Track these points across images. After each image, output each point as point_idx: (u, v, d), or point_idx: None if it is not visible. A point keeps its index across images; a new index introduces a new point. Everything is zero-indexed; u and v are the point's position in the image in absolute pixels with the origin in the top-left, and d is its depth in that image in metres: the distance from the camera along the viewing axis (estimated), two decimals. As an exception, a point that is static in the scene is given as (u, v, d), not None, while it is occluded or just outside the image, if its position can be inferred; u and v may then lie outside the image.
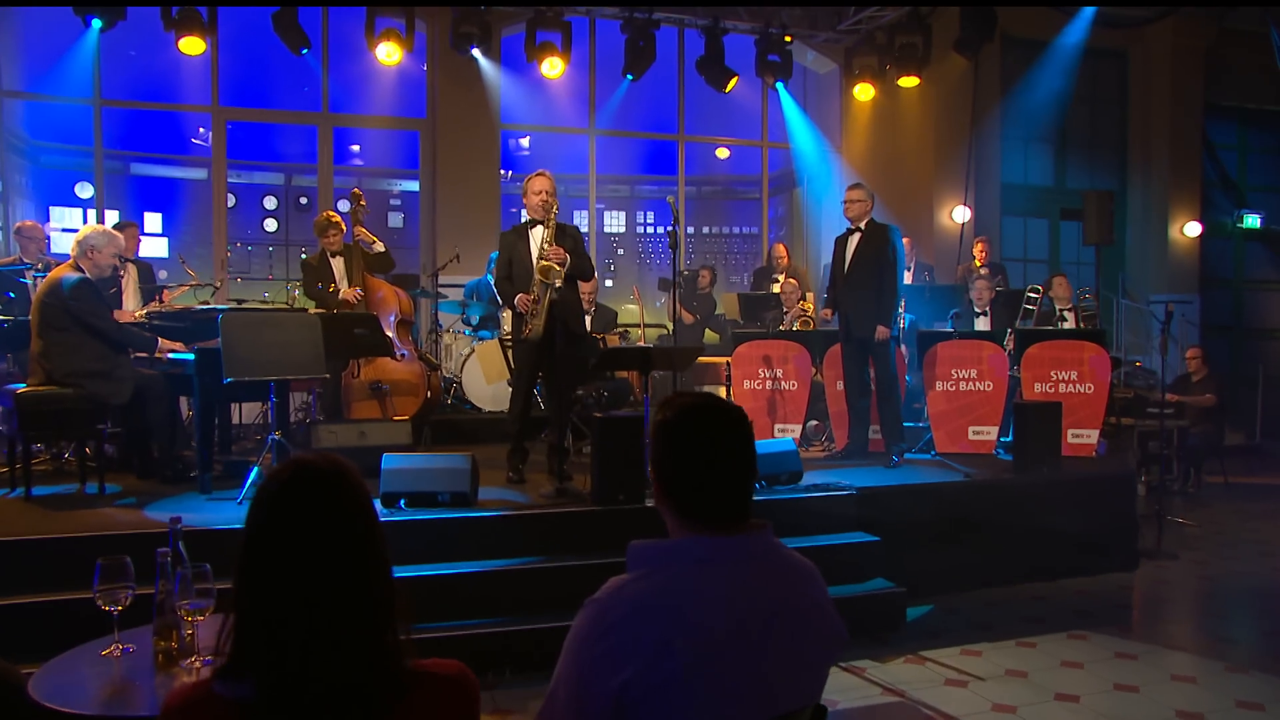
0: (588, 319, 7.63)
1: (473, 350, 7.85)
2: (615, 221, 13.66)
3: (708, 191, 13.68)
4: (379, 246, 6.92)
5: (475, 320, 8.36)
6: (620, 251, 13.74)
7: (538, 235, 5.42)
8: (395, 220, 12.69)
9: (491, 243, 9.55)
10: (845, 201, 6.53)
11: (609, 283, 13.36)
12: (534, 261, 5.35)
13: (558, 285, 5.15)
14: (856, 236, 6.50)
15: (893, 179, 10.85)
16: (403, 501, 4.68)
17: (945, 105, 10.80)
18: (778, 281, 9.47)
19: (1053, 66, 10.90)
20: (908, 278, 8.61)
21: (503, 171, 10.58)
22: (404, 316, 6.94)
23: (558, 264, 5.27)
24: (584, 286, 7.25)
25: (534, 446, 6.08)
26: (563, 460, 5.29)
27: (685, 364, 5.60)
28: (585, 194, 11.10)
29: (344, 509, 1.40)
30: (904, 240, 7.01)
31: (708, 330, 9.59)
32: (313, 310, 6.04)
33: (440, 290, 8.37)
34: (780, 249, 9.75)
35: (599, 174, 11.04)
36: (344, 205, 10.96)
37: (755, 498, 4.84)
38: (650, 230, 13.75)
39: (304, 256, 7.12)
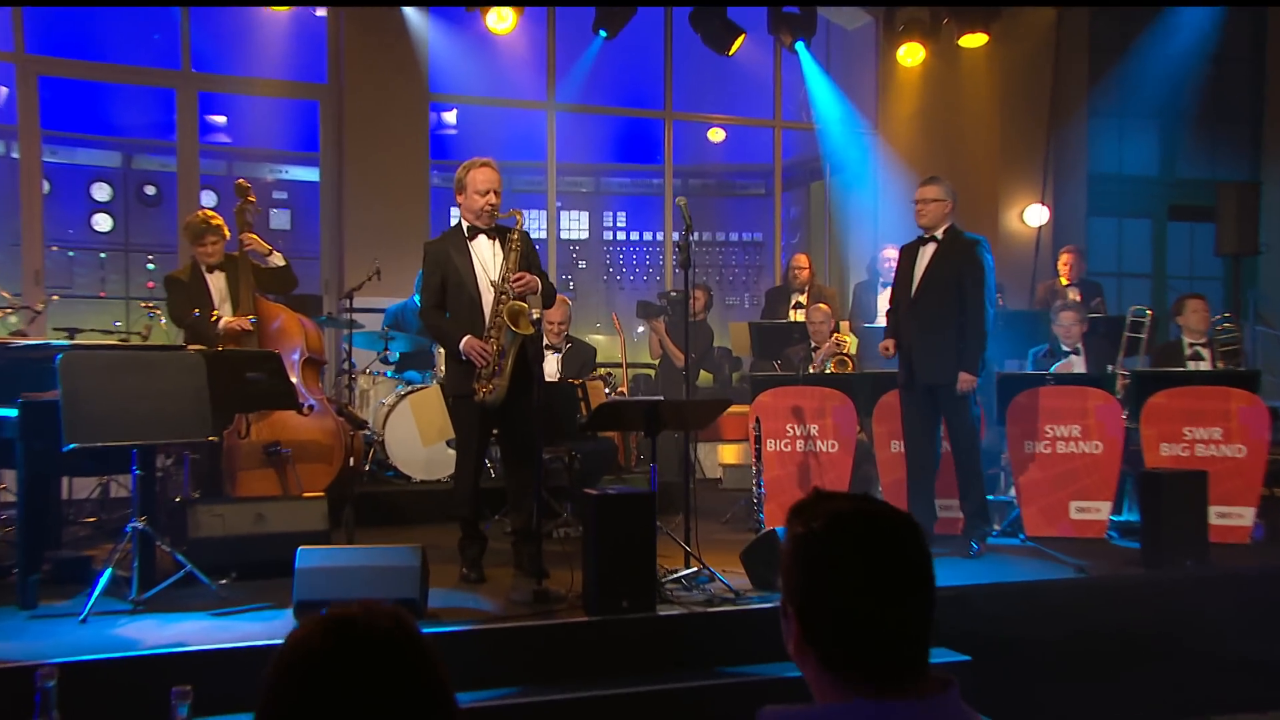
0: (556, 358, 7.60)
1: (399, 399, 7.83)
2: (576, 224, 13.68)
3: (697, 186, 13.81)
4: (277, 259, 6.89)
5: (397, 357, 8.33)
6: (582, 264, 13.73)
7: (484, 250, 5.47)
8: (280, 219, 12.55)
9: (417, 253, 9.35)
10: (917, 202, 6.57)
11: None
12: (479, 285, 5.42)
13: (535, 317, 5.13)
14: (930, 249, 6.53)
15: (947, 168, 10.77)
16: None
17: (1019, 71, 11.00)
18: (799, 307, 9.57)
19: (1163, 18, 11.06)
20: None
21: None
22: (312, 354, 6.92)
23: (529, 296, 5.30)
24: (553, 314, 7.30)
25: (494, 531, 6.00)
26: (536, 551, 5.24)
27: (706, 421, 5.59)
28: (539, 188, 11.17)
29: (416, 698, 1.31)
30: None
31: (701, 371, 9.67)
32: (193, 348, 5.88)
33: (352, 318, 8.21)
34: (801, 262, 9.87)
35: (558, 162, 11.10)
36: (209, 199, 11.06)
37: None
38: (622, 236, 13.81)
39: (171, 273, 7.09)
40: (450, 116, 12.57)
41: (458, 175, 5.53)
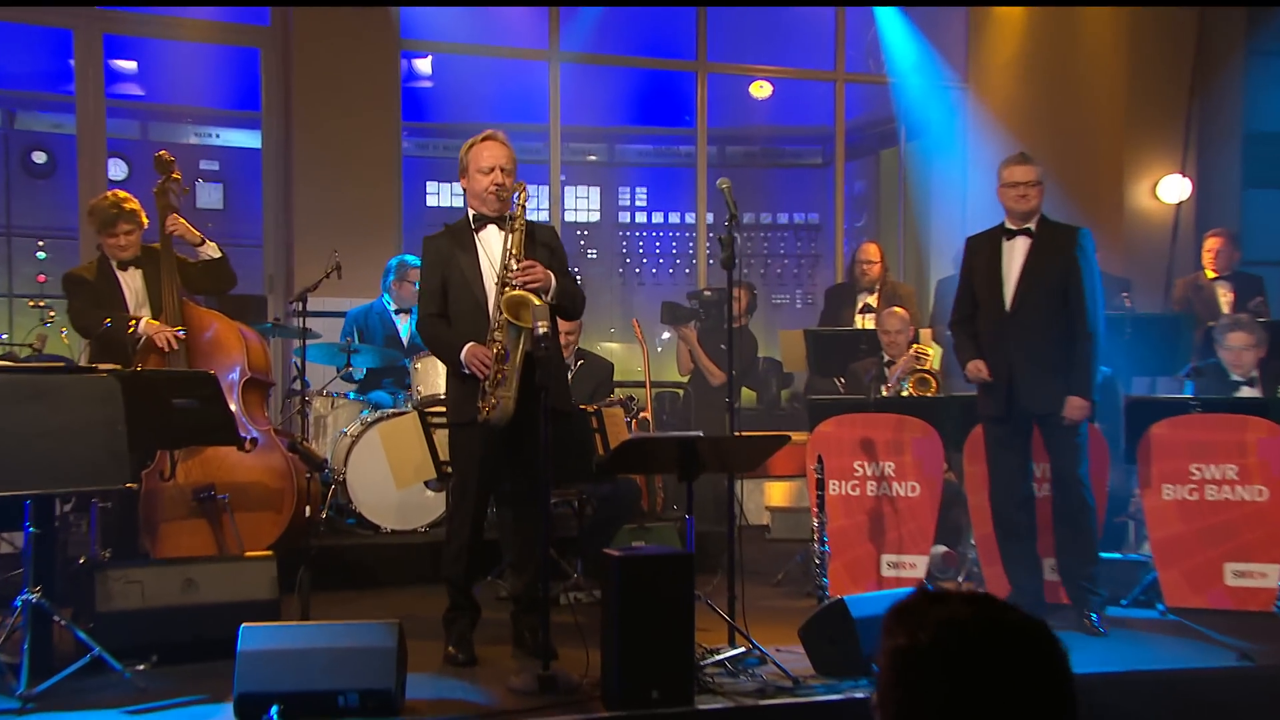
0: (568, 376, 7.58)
1: (365, 428, 7.80)
2: (584, 203, 13.67)
3: (738, 155, 13.76)
4: (210, 250, 6.89)
5: (362, 374, 8.32)
6: (592, 254, 13.73)
7: (492, 242, 5.57)
8: (209, 197, 12.47)
9: (387, 242, 9.73)
10: (1004, 186, 6.55)
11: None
12: (485, 285, 5.53)
13: (541, 330, 5.07)
14: (1023, 245, 6.52)
15: (1058, 131, 10.95)
16: (275, 711, 4.56)
17: (1152, 11, 10.89)
18: (868, 310, 9.56)
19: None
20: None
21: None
22: (255, 372, 6.89)
23: (538, 292, 5.33)
24: (562, 325, 7.27)
25: (484, 596, 5.98)
26: (543, 624, 5.17)
27: (756, 460, 5.57)
28: (539, 157, 11.18)
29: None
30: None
31: (743, 388, 9.67)
32: (103, 368, 5.77)
33: (305, 325, 8.26)
34: (870, 252, 9.89)
35: (562, 126, 11.10)
36: (118, 170, 11.02)
37: (856, 694, 4.94)
38: (643, 218, 13.77)
39: (72, 270, 7.07)
40: (425, 65, 12.57)
41: (460, 156, 5.68)
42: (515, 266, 5.40)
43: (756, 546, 8.37)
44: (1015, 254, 6.49)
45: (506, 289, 5.39)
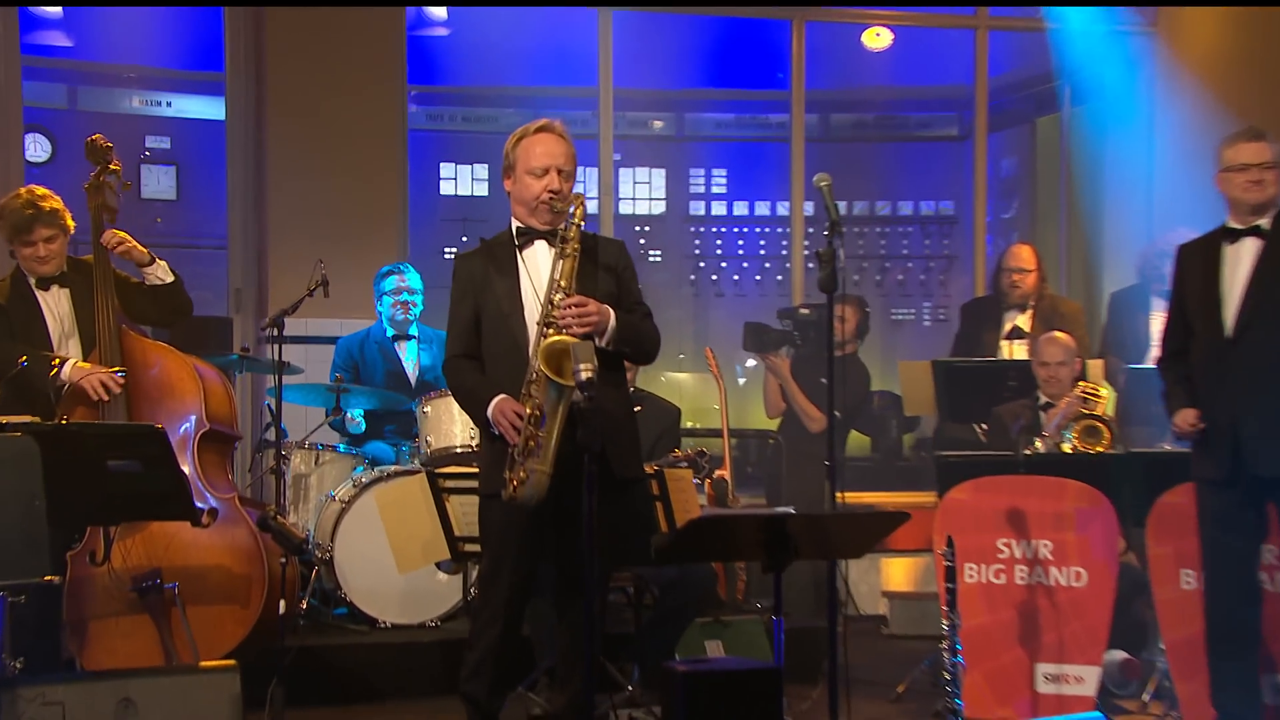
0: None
1: (359, 490, 7.81)
2: (644, 190, 13.53)
3: (845, 125, 13.70)
4: (161, 273, 6.92)
5: (360, 424, 8.35)
6: (655, 257, 13.62)
7: (540, 262, 5.63)
8: (158, 184, 12.36)
9: (388, 245, 9.88)
10: (1227, 170, 6.43)
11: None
12: (526, 318, 5.59)
13: (584, 375, 4.99)
14: (1253, 247, 6.36)
15: (1273, 93, 10.71)
16: None
17: None
18: (1019, 335, 9.47)
19: None
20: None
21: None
22: (215, 423, 6.83)
23: (585, 330, 5.33)
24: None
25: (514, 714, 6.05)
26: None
27: (867, 544, 5.55)
28: (585, 131, 11.17)
29: None
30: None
31: (852, 430, 9.67)
32: (13, 421, 5.79)
33: (281, 358, 8.20)
34: (1023, 257, 9.72)
35: (616, 89, 11.10)
36: (38, 150, 11.08)
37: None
38: (721, 210, 13.66)
39: None
40: (439, 10, 12.42)
41: (505, 150, 5.73)
42: (560, 300, 5.40)
43: (870, 646, 8.45)
44: (1241, 261, 6.37)
45: (549, 332, 5.39)
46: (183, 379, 6.81)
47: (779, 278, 12.48)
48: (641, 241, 13.51)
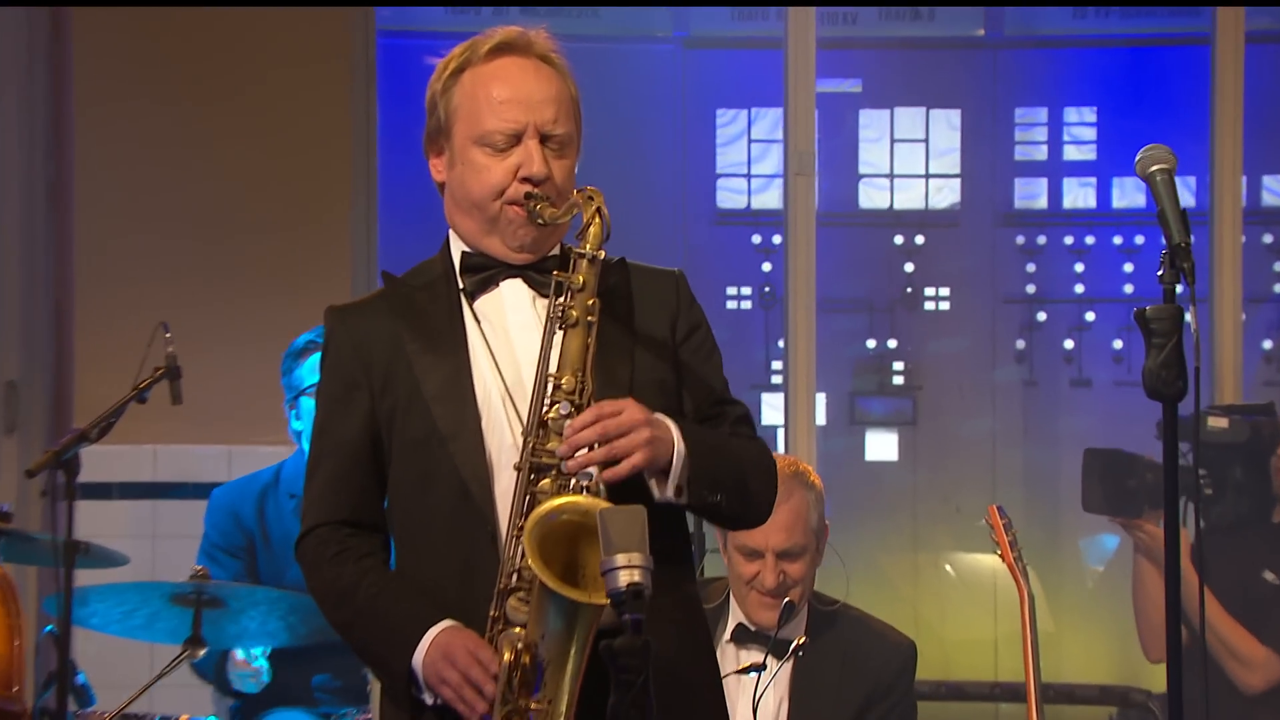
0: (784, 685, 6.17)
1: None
2: (909, 157, 9.78)
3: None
4: None
5: (260, 673, 6.73)
6: (940, 298, 9.83)
7: (513, 322, 4.10)
8: None
9: (329, 284, 8.38)
10: None
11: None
12: (493, 452, 3.99)
13: (626, 584, 3.47)
14: None
15: None
16: None
17: None
18: None
19: None
20: None
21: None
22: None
23: (619, 476, 3.79)
24: (772, 535, 5.81)
25: None
26: None
27: None
28: (765, 36, 9.18)
29: None
30: None
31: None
32: None
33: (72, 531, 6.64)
34: None
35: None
36: None
37: None
38: (1085, 198, 9.74)
39: None
40: None
41: (430, 93, 4.09)
42: (560, 414, 3.70)
43: None
44: None
45: (542, 483, 3.66)
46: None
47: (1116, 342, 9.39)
48: (909, 268, 9.48)
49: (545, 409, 3.67)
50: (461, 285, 3.96)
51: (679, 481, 3.71)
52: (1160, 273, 3.70)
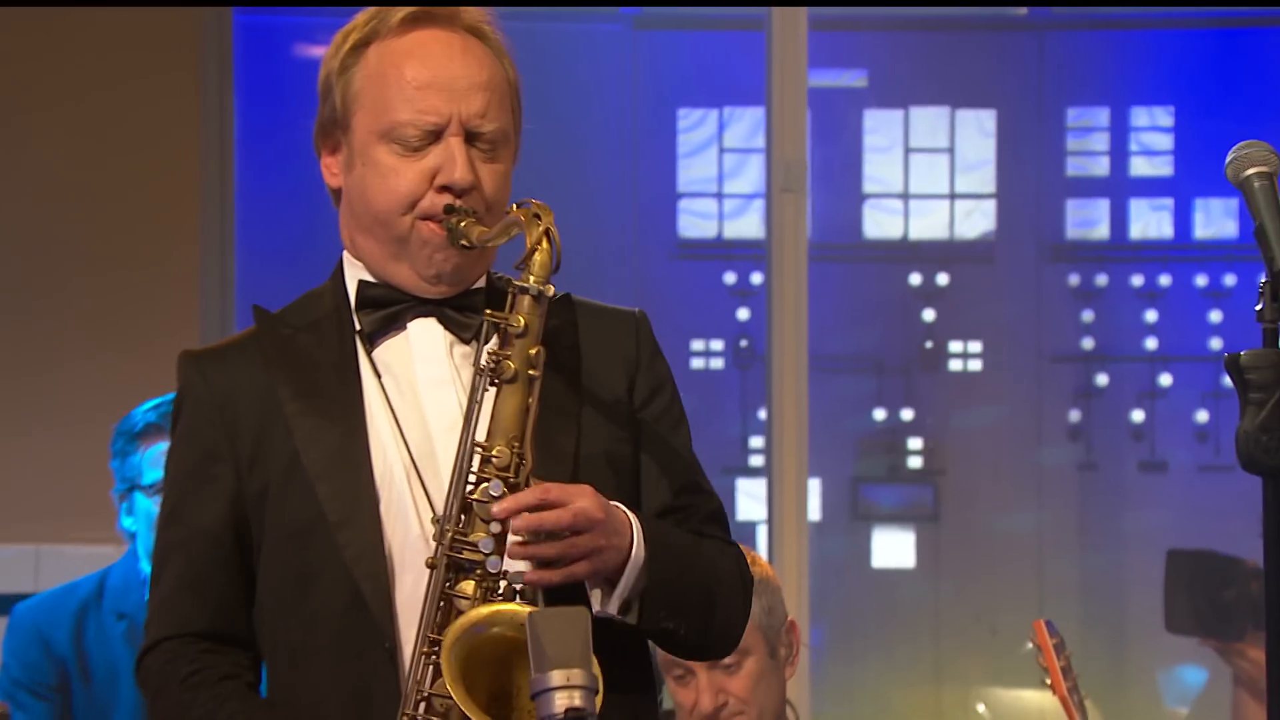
0: None
1: None
2: (928, 167, 9.11)
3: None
4: None
5: None
6: (969, 360, 9.25)
7: (424, 374, 3.77)
8: None
9: (178, 331, 8.35)
10: None
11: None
12: (392, 544, 3.80)
13: (563, 712, 3.14)
14: None
15: None
16: None
17: None
18: None
19: None
20: None
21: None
22: None
23: (559, 579, 3.87)
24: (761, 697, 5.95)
25: None
26: None
27: None
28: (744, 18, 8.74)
29: None
30: None
31: None
32: None
33: None
34: None
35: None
36: None
37: None
38: (1166, 224, 9.17)
39: None
40: None
41: (324, 71, 3.55)
42: (487, 496, 3.34)
43: None
44: None
45: (463, 586, 3.34)
46: None
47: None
48: (929, 315, 8.65)
49: (470, 489, 3.19)
50: (358, 325, 3.48)
51: (627, 595, 3.28)
52: (1259, 308, 3.00)
